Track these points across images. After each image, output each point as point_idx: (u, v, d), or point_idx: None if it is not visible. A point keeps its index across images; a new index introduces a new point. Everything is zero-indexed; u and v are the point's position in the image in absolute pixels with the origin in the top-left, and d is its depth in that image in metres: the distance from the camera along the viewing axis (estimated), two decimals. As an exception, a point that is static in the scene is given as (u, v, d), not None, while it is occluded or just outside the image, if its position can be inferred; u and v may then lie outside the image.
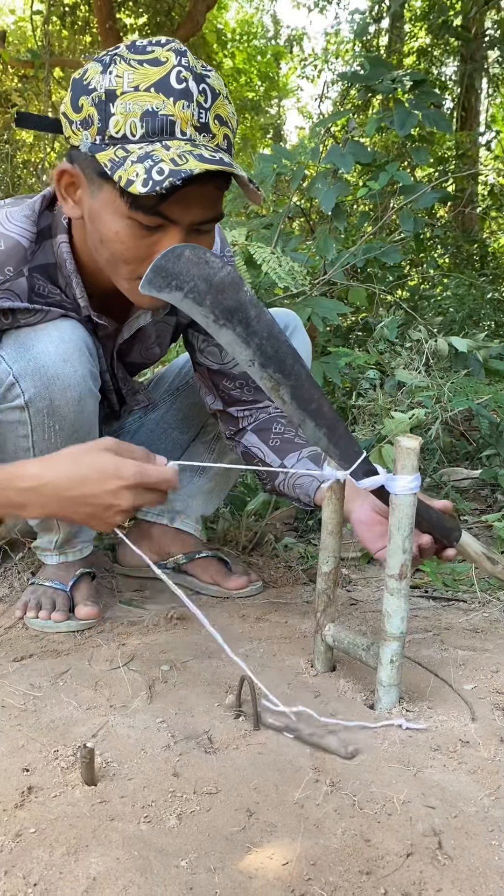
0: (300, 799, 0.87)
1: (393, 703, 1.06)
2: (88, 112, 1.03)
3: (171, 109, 1.00)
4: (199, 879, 0.75)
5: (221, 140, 1.06)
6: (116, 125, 1.01)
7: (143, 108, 1.00)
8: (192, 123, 1.02)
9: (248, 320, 1.01)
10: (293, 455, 1.39)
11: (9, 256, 1.16)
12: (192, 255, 0.99)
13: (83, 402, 1.25)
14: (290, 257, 2.33)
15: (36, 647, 1.30)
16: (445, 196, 2.65)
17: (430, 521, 1.12)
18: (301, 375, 1.05)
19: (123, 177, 0.99)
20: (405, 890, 0.72)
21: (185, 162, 0.98)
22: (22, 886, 0.74)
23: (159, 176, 0.97)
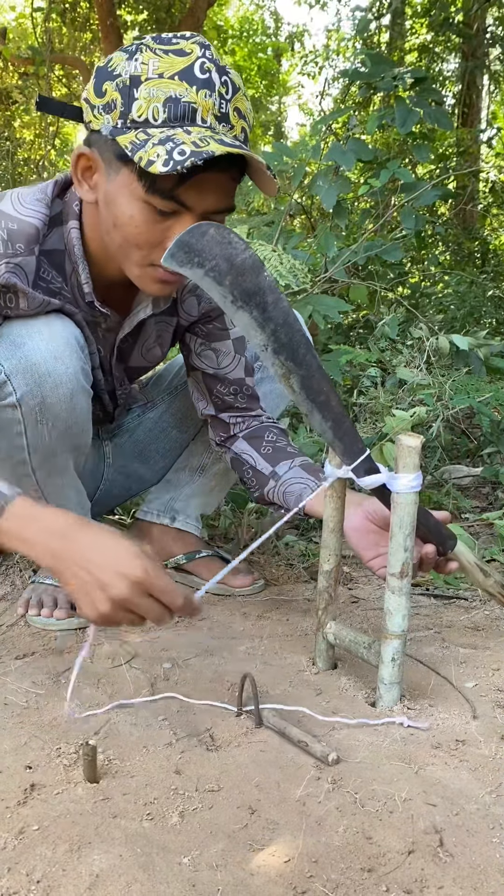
0: (302, 796, 0.87)
1: (394, 700, 1.07)
2: (112, 97, 1.05)
3: (194, 97, 1.02)
4: (201, 876, 0.75)
5: (239, 132, 1.08)
6: (139, 109, 1.03)
7: (166, 94, 1.02)
8: (213, 112, 1.04)
9: (265, 305, 1.02)
10: (285, 463, 1.39)
11: (20, 234, 1.17)
12: (217, 234, 1.00)
13: (75, 399, 1.25)
14: (291, 255, 2.33)
15: (38, 645, 1.30)
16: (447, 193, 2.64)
17: (428, 526, 1.12)
18: (312, 366, 1.05)
19: (144, 157, 1.01)
20: (407, 887, 0.73)
21: (207, 145, 1.00)
22: (25, 883, 0.75)
23: (180, 156, 0.99)
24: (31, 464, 1.28)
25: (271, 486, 1.39)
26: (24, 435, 1.24)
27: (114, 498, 1.70)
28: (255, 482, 1.42)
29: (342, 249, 2.65)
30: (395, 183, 2.80)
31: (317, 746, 0.94)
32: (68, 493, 1.36)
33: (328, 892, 0.72)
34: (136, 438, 1.65)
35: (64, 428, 1.26)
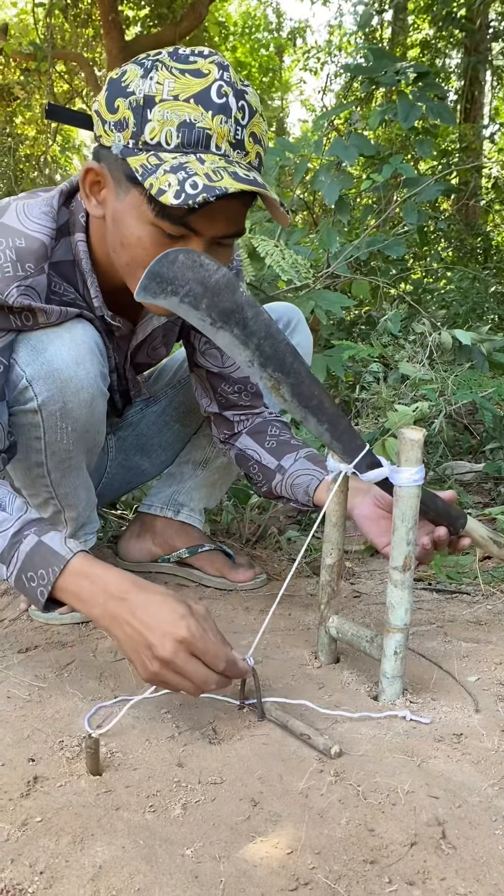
0: (304, 789, 0.87)
1: (397, 694, 1.07)
2: (124, 115, 1.03)
3: (209, 123, 1.00)
4: (204, 868, 0.75)
5: (254, 158, 1.06)
6: (152, 132, 1.01)
7: (181, 118, 1.00)
8: (228, 139, 1.02)
9: (245, 321, 1.01)
10: (290, 456, 1.38)
11: (29, 253, 1.15)
12: (186, 258, 0.98)
13: (95, 404, 1.26)
14: (293, 250, 2.33)
15: (41, 639, 1.30)
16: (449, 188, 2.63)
17: (437, 509, 1.12)
18: (301, 373, 1.05)
19: (155, 185, 0.99)
20: (409, 879, 0.73)
21: (220, 179, 0.98)
22: (28, 874, 0.75)
23: (193, 190, 0.97)
24: (46, 465, 1.28)
25: (278, 479, 1.39)
26: (43, 439, 1.25)
27: (114, 490, 1.70)
28: (261, 477, 1.42)
29: (344, 245, 2.65)
30: (398, 178, 2.79)
31: (319, 739, 0.94)
32: (80, 492, 1.37)
33: (331, 883, 0.72)
34: (138, 432, 1.65)
35: (82, 430, 1.27)
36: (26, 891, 0.73)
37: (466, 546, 1.20)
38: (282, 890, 0.71)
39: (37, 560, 1.03)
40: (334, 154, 2.49)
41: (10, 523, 1.07)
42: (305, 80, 15.21)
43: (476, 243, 6.46)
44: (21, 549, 1.04)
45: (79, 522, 1.42)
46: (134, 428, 1.67)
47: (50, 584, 1.02)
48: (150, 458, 1.69)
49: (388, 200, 2.89)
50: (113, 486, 1.68)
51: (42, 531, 1.06)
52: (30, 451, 1.27)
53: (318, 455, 1.37)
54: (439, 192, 2.54)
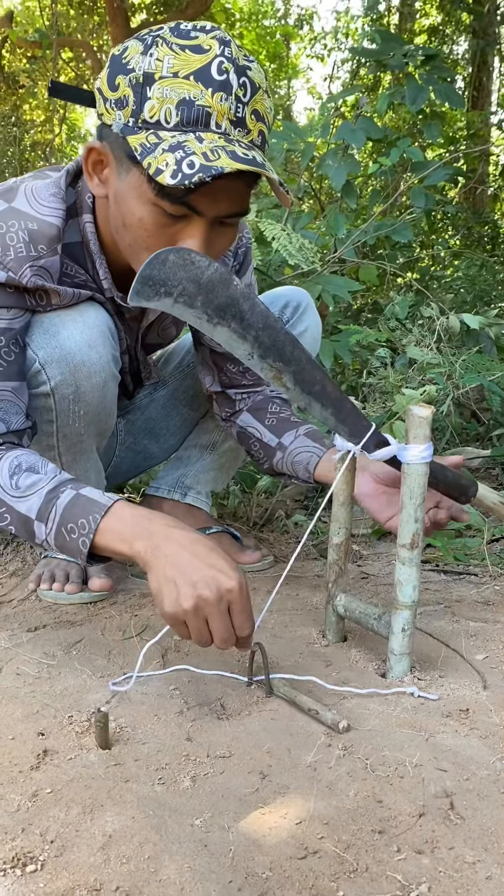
0: (313, 762, 0.87)
1: (404, 671, 1.07)
2: (124, 92, 1.01)
3: (209, 101, 0.98)
4: (213, 837, 0.75)
5: (256, 136, 1.03)
6: (151, 110, 0.99)
7: (180, 95, 0.97)
8: (229, 117, 0.99)
9: (241, 314, 1.00)
10: (290, 433, 1.37)
11: (42, 235, 1.14)
12: (177, 258, 0.97)
13: (107, 387, 1.26)
14: (300, 234, 2.32)
15: (49, 618, 1.31)
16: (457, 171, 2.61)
17: (446, 480, 1.12)
18: (301, 360, 1.04)
19: (153, 164, 0.98)
20: (418, 847, 0.73)
21: (217, 158, 0.96)
22: (39, 843, 0.75)
23: (189, 169, 0.95)
24: (58, 448, 1.29)
25: (279, 457, 1.38)
26: (55, 422, 1.25)
27: (123, 474, 1.71)
28: (262, 454, 1.42)
29: (351, 230, 2.64)
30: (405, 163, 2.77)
31: (327, 714, 0.95)
32: (90, 475, 1.37)
33: (339, 851, 0.72)
34: (147, 416, 1.65)
35: (94, 414, 1.27)
36: (37, 858, 0.73)
37: (466, 518, 1.20)
38: (291, 858, 0.72)
39: (76, 511, 1.02)
40: (341, 138, 2.48)
41: (45, 482, 1.06)
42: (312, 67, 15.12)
43: (483, 231, 6.42)
44: (59, 502, 1.03)
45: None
46: (143, 411, 1.67)
47: (92, 531, 1.00)
48: (159, 441, 1.69)
49: (395, 185, 2.88)
50: (122, 470, 1.68)
51: (79, 486, 1.05)
52: (41, 434, 1.27)
53: (318, 431, 1.37)
54: (447, 175, 2.53)
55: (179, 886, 0.69)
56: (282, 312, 1.54)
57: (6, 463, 1.09)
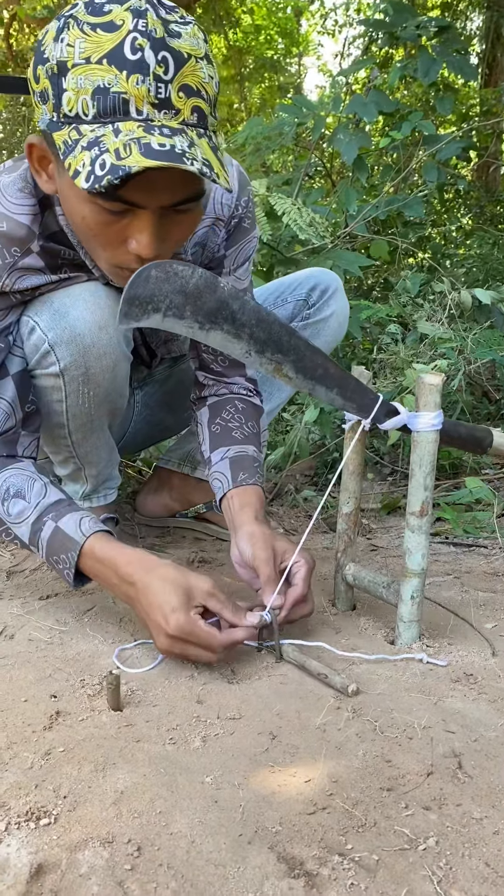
0: (322, 724, 0.88)
1: (413, 638, 1.07)
2: (45, 84, 0.93)
3: (124, 85, 0.88)
4: (223, 794, 0.76)
5: (189, 114, 0.92)
6: (69, 102, 0.91)
7: (94, 83, 0.88)
8: (149, 100, 0.89)
9: (232, 315, 0.98)
10: (221, 450, 1.30)
11: (12, 238, 1.11)
12: (159, 272, 0.94)
13: (118, 368, 1.25)
14: (310, 209, 2.30)
15: (61, 588, 1.32)
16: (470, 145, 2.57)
17: (460, 436, 1.12)
18: (300, 347, 1.03)
19: (73, 165, 0.91)
20: (426, 804, 0.74)
21: (129, 155, 0.87)
22: (52, 798, 0.77)
23: (101, 171, 0.88)
24: (68, 427, 1.29)
25: (207, 470, 1.34)
26: (64, 402, 1.25)
27: (137, 444, 1.71)
28: (201, 458, 1.38)
29: (362, 205, 2.62)
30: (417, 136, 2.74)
31: (337, 678, 0.95)
32: (101, 452, 1.37)
33: (348, 808, 0.73)
34: (165, 389, 1.65)
35: (104, 395, 1.26)
36: (50, 812, 0.74)
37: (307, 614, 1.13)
38: (300, 814, 0.73)
39: (56, 545, 1.10)
40: (353, 111, 2.45)
41: (30, 511, 1.13)
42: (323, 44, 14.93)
43: (496, 210, 6.34)
44: (42, 535, 1.11)
45: (99, 479, 1.43)
46: (161, 385, 1.66)
47: (72, 567, 1.09)
48: (175, 414, 1.69)
49: (407, 159, 2.85)
50: (136, 440, 1.68)
51: (59, 515, 1.11)
52: (52, 413, 1.27)
53: (245, 456, 1.28)
54: (459, 148, 2.50)
55: (190, 839, 0.70)
56: (308, 295, 1.51)
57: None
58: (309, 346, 1.03)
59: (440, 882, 0.64)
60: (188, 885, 0.65)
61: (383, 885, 0.64)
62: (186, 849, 0.69)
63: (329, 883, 0.64)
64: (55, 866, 0.68)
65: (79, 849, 0.70)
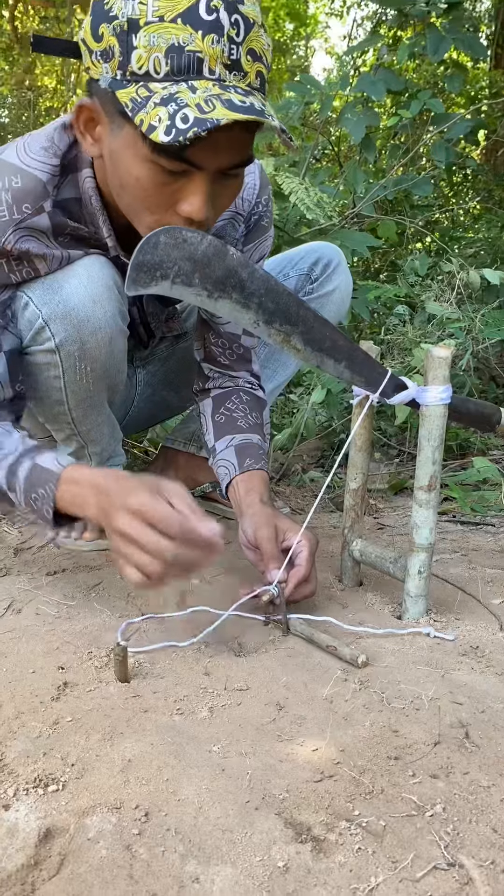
0: (329, 695, 0.88)
1: (420, 613, 1.07)
2: (109, 42, 0.93)
3: (199, 45, 0.90)
4: (230, 762, 0.77)
5: (254, 78, 0.95)
6: (139, 60, 0.91)
7: (168, 42, 0.90)
8: (222, 61, 0.91)
9: (241, 283, 0.97)
10: (226, 439, 1.30)
11: (26, 193, 1.10)
12: (168, 238, 0.93)
13: (114, 343, 1.25)
14: (318, 189, 2.29)
15: (69, 563, 1.32)
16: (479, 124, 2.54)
17: (469, 412, 1.11)
18: (308, 318, 1.01)
19: (146, 121, 0.91)
20: (433, 773, 0.74)
21: (212, 109, 0.89)
22: (60, 766, 0.77)
23: (183, 124, 0.89)
24: (67, 404, 1.28)
25: (212, 459, 1.34)
26: (62, 378, 1.24)
27: (140, 424, 1.71)
28: (205, 448, 1.38)
29: (370, 185, 2.59)
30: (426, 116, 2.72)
31: (345, 650, 0.95)
32: (103, 428, 1.37)
33: (355, 776, 0.73)
34: (167, 367, 1.64)
35: (102, 371, 1.26)
36: (59, 779, 0.75)
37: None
38: (307, 781, 0.73)
39: (34, 480, 1.05)
40: (361, 89, 2.43)
41: (9, 457, 1.09)
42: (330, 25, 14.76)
43: (504, 194, 6.28)
44: (20, 474, 1.07)
45: (103, 456, 1.43)
46: (163, 363, 1.66)
47: (51, 499, 1.03)
48: (178, 393, 1.69)
49: (415, 139, 2.82)
50: (139, 419, 1.68)
51: (37, 454, 1.07)
52: (50, 390, 1.26)
53: (250, 444, 1.28)
54: (469, 127, 2.47)
55: (198, 805, 0.70)
56: (311, 269, 1.50)
57: None
58: (318, 317, 1.02)
59: (447, 847, 0.64)
60: (196, 848, 0.65)
61: (391, 849, 0.64)
62: (194, 814, 0.69)
63: (336, 847, 0.65)
64: (63, 831, 0.68)
65: (87, 814, 0.70)
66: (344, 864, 0.63)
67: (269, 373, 1.59)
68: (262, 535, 1.10)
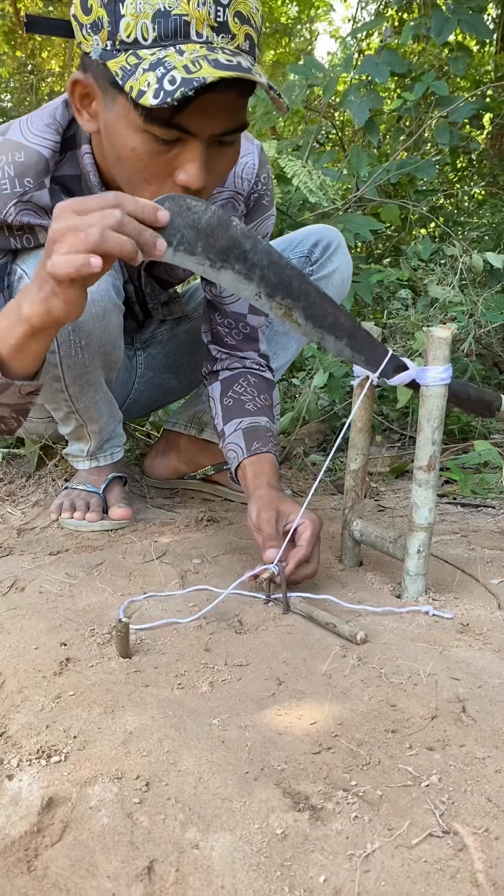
0: (328, 671, 0.89)
1: (419, 592, 1.08)
2: (98, 14, 0.94)
3: (185, 8, 0.90)
4: (230, 735, 0.78)
5: (243, 40, 0.95)
6: (127, 28, 0.92)
7: (154, 7, 0.90)
8: (209, 23, 0.92)
9: (244, 255, 0.97)
10: (234, 422, 1.32)
11: (28, 167, 1.11)
12: (173, 205, 0.93)
13: (108, 317, 1.25)
14: (321, 172, 2.28)
15: (71, 544, 1.33)
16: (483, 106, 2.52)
17: (469, 397, 1.12)
18: (311, 293, 1.02)
19: (135, 87, 0.92)
20: (429, 745, 0.75)
21: (199, 69, 0.89)
22: (63, 738, 0.78)
23: (171, 86, 0.89)
24: (64, 380, 1.29)
25: (222, 443, 1.35)
26: (57, 352, 1.25)
27: (142, 407, 1.72)
28: (214, 429, 1.39)
29: (374, 168, 2.58)
30: (429, 99, 2.70)
31: (345, 627, 0.96)
32: (101, 406, 1.38)
33: (353, 748, 0.75)
34: (168, 350, 1.65)
35: (97, 346, 1.26)
36: (61, 751, 0.76)
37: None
38: (305, 753, 0.74)
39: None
40: (365, 71, 2.41)
41: None
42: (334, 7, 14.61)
43: (509, 179, 6.24)
44: None
45: (103, 436, 1.43)
46: (164, 346, 1.67)
47: None
48: (179, 376, 1.70)
49: (419, 124, 2.80)
50: (140, 403, 1.69)
51: None
52: (47, 366, 1.26)
53: (258, 427, 1.30)
54: (473, 110, 2.46)
55: (198, 776, 0.71)
56: (311, 251, 1.51)
57: None
58: (320, 293, 1.03)
59: (443, 815, 0.65)
60: (195, 816, 0.66)
61: (387, 817, 0.65)
62: (194, 784, 0.70)
63: (333, 815, 0.66)
64: (66, 800, 0.70)
65: (89, 784, 0.71)
66: (341, 831, 0.64)
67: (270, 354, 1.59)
68: (263, 517, 1.11)
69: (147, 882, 0.61)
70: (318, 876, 0.60)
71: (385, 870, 0.60)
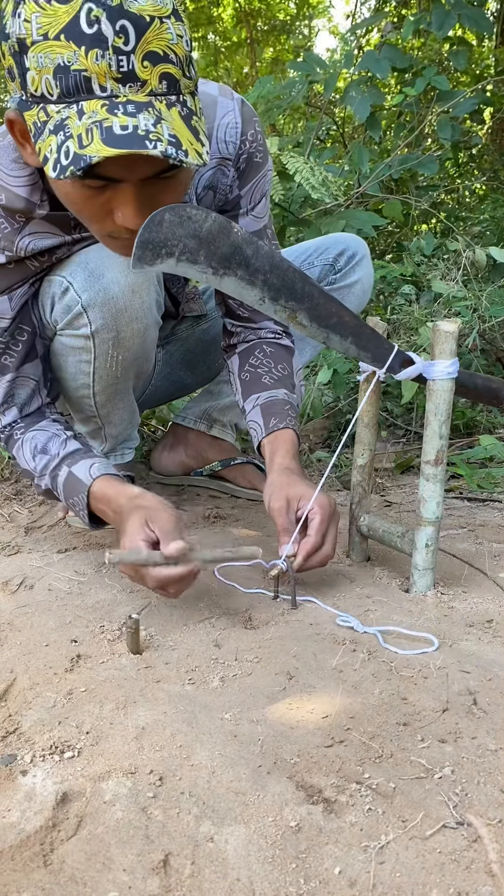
0: (338, 665, 0.89)
1: (428, 586, 1.08)
2: (9, 62, 0.88)
3: (84, 62, 0.83)
4: (242, 729, 0.78)
5: (157, 83, 0.86)
6: (33, 82, 0.86)
7: (54, 62, 0.84)
8: (111, 76, 0.84)
9: (246, 260, 0.97)
10: (252, 398, 1.29)
11: (13, 209, 1.09)
12: (173, 216, 0.92)
13: (147, 333, 1.25)
14: (323, 168, 2.28)
15: (79, 542, 1.34)
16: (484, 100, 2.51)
17: (476, 387, 1.12)
18: (314, 295, 1.02)
19: (42, 149, 0.88)
20: (441, 737, 0.75)
21: (90, 142, 0.83)
22: (76, 734, 0.79)
23: (65, 160, 0.85)
24: (92, 388, 1.29)
25: (244, 420, 1.34)
26: (92, 364, 1.25)
27: (155, 401, 1.73)
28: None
29: (375, 164, 2.58)
30: (431, 94, 2.69)
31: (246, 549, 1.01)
32: (123, 413, 1.38)
33: (365, 741, 0.75)
34: (186, 348, 1.65)
35: (132, 359, 1.27)
36: (74, 746, 0.76)
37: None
38: (318, 747, 0.74)
39: (69, 489, 1.15)
40: (366, 67, 2.41)
41: (53, 462, 1.18)
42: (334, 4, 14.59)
43: (511, 173, 6.22)
44: (59, 481, 1.17)
45: (119, 439, 1.44)
46: (182, 343, 1.66)
47: (84, 508, 1.14)
48: (194, 373, 1.70)
49: (420, 119, 2.80)
50: (154, 397, 1.69)
51: (73, 462, 1.16)
52: (78, 374, 1.27)
53: (276, 401, 1.27)
54: (474, 105, 2.45)
55: (211, 770, 0.72)
56: (336, 260, 1.50)
57: (28, 446, 1.21)
58: (323, 293, 1.02)
59: (456, 807, 0.65)
60: (209, 810, 0.67)
61: (400, 809, 0.66)
62: (207, 778, 0.71)
63: (347, 808, 0.66)
64: (80, 794, 0.70)
65: (102, 779, 0.72)
66: (355, 823, 0.64)
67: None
68: (274, 507, 1.11)
69: (163, 875, 0.61)
70: (333, 868, 0.60)
71: (400, 861, 0.60)
